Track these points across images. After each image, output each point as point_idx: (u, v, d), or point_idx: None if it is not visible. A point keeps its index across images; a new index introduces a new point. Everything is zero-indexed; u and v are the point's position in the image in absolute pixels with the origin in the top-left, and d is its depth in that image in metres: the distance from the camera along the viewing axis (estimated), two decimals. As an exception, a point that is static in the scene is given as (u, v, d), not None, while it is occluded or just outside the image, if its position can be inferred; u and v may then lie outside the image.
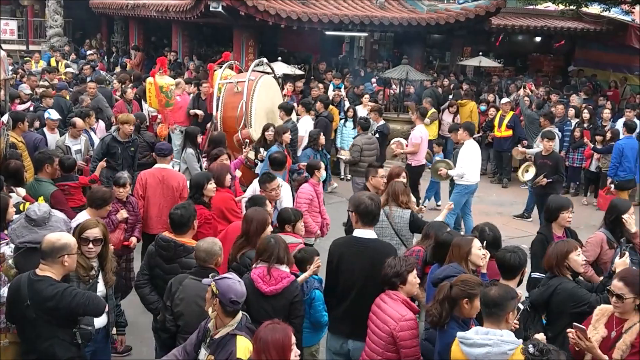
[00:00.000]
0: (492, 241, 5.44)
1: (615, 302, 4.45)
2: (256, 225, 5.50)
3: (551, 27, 21.90)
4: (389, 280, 4.82)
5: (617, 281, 4.48)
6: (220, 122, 10.92)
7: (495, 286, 4.14)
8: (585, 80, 20.75)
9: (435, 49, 24.75)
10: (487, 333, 3.96)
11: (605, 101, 15.88)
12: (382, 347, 4.73)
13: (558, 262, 5.20)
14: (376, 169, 7.73)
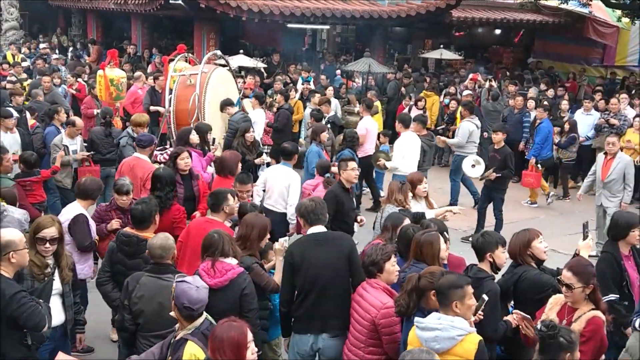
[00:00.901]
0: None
1: (566, 292, 4.51)
2: (258, 231, 5.42)
3: (510, 19, 22.16)
4: (367, 269, 4.87)
5: (566, 271, 4.54)
6: (173, 116, 10.78)
7: (447, 274, 4.20)
8: (544, 72, 21.07)
9: (397, 41, 24.87)
10: (439, 318, 4.04)
11: (564, 91, 16.10)
12: (365, 335, 4.74)
13: (521, 250, 5.24)
14: (347, 162, 7.58)
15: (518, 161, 13.66)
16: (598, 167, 9.71)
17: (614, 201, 9.44)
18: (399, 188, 6.86)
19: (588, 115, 13.46)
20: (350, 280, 5.07)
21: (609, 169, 9.46)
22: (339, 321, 5.08)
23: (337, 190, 7.45)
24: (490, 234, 5.25)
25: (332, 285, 5.06)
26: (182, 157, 7.38)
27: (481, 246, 5.10)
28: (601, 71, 22.72)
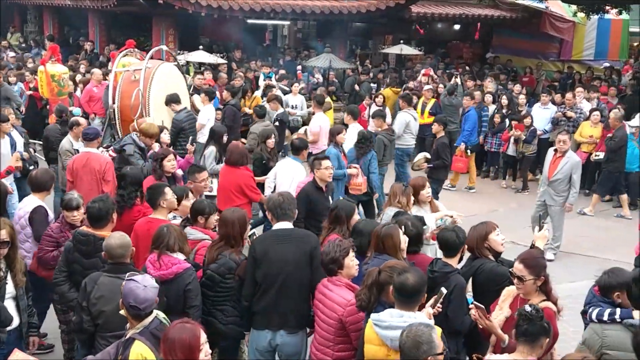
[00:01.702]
0: (415, 237, 5.44)
1: (517, 284, 4.56)
2: (238, 226, 5.39)
3: (469, 14, 22.39)
4: (327, 267, 4.85)
5: (517, 263, 4.59)
6: (117, 111, 10.63)
7: (409, 273, 4.15)
8: (501, 67, 21.33)
9: (358, 37, 24.93)
10: (402, 316, 4.03)
11: (513, 85, 16.31)
12: (333, 334, 4.72)
13: (478, 244, 5.31)
14: (320, 161, 7.50)
15: (478, 153, 13.89)
16: (546, 163, 9.64)
17: (557, 200, 9.38)
18: (402, 191, 6.74)
19: (545, 109, 13.70)
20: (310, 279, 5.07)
21: (557, 168, 9.34)
22: (298, 318, 5.10)
23: (309, 189, 7.37)
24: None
25: (292, 282, 5.05)
26: (168, 159, 7.42)
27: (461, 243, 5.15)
28: (558, 66, 23.13)
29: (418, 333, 3.62)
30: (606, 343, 4.04)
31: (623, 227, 11.04)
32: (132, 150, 8.53)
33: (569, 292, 7.91)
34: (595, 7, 19.01)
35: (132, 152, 8.49)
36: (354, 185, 9.28)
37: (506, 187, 13.27)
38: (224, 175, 8.23)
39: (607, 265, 8.30)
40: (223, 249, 5.35)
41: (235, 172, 8.05)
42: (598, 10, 19.31)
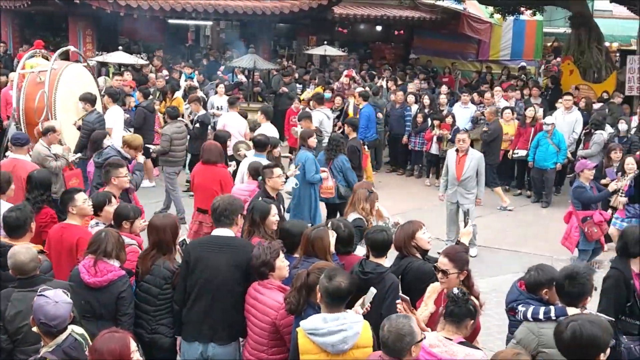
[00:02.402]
0: (347, 238, 5.44)
1: (441, 278, 4.66)
2: (170, 232, 5.22)
3: (390, 16, 22.72)
4: (259, 270, 4.78)
5: (442, 257, 4.69)
6: (22, 114, 10.18)
7: (339, 277, 4.12)
8: (421, 68, 21.76)
9: (283, 38, 24.92)
10: (337, 319, 4.03)
11: (434, 86, 16.69)
12: (266, 337, 4.68)
13: (406, 242, 5.36)
14: (272, 169, 7.24)
15: (402, 153, 14.11)
16: (450, 165, 9.63)
17: (469, 198, 9.52)
18: (366, 197, 6.51)
19: (465, 108, 14.05)
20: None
21: (464, 167, 9.43)
22: (229, 330, 4.96)
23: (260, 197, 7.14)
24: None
25: (224, 293, 4.92)
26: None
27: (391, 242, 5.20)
28: (477, 66, 23.79)
29: (399, 326, 3.70)
30: (542, 341, 4.11)
31: (541, 222, 11.46)
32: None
33: (494, 286, 8.15)
34: (511, 8, 19.72)
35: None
36: (325, 189, 9.20)
37: (430, 185, 13.53)
38: (202, 174, 8.36)
39: (528, 259, 8.66)
40: (156, 258, 5.19)
41: (213, 169, 8.27)
42: (513, 12, 20.04)
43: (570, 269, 4.37)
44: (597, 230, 8.50)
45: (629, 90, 15.85)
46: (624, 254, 5.34)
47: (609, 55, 18.74)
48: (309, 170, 8.85)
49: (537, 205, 12.43)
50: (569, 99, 13.18)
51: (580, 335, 3.45)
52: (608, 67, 17.37)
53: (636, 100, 15.21)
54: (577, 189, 8.70)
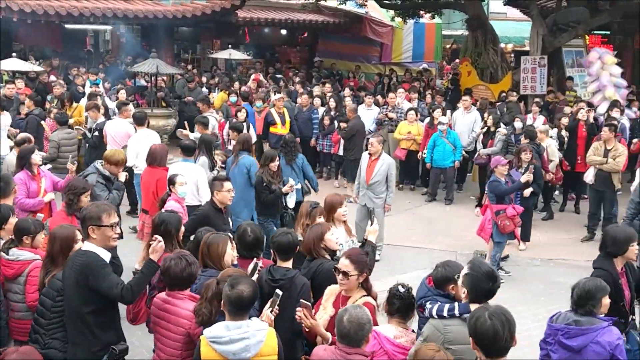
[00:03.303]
0: (252, 243, 5.34)
1: (342, 280, 4.68)
2: (60, 244, 4.96)
3: (294, 19, 22.84)
4: (187, 282, 4.69)
5: (344, 259, 4.72)
6: None
7: (242, 285, 4.05)
8: (325, 72, 21.97)
9: (186, 41, 24.54)
10: (239, 327, 3.96)
11: (340, 89, 16.89)
12: (180, 349, 4.57)
13: (315, 244, 5.39)
14: (222, 182, 6.99)
15: (311, 155, 14.16)
16: (362, 167, 9.65)
17: (377, 202, 9.51)
18: (308, 212, 6.30)
19: (369, 110, 14.26)
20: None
21: (373, 171, 9.41)
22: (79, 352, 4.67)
23: (208, 210, 6.89)
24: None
25: (69, 312, 4.68)
26: (86, 194, 6.64)
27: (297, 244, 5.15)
28: (380, 68, 24.27)
29: (359, 315, 3.88)
30: (448, 338, 4.16)
31: (446, 218, 11.79)
32: (95, 180, 7.62)
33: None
34: (411, 12, 20.21)
35: (95, 181, 7.58)
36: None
37: (339, 187, 13.66)
38: (146, 176, 8.52)
39: (436, 255, 8.90)
40: (51, 269, 4.98)
41: (155, 171, 8.39)
42: (413, 15, 20.55)
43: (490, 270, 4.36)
44: (510, 224, 8.85)
45: (523, 89, 16.58)
46: (607, 254, 5.50)
47: (504, 56, 19.55)
48: (253, 176, 8.93)
49: (442, 202, 12.78)
50: (466, 99, 13.66)
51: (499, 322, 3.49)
52: (504, 67, 18.10)
53: (530, 99, 15.92)
54: (493, 183, 9.08)
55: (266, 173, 8.69)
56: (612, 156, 10.33)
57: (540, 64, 16.49)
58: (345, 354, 3.88)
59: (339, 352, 3.91)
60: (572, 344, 4.38)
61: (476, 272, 4.20)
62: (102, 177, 7.71)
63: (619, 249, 5.46)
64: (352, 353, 3.87)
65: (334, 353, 3.94)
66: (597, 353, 4.33)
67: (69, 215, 6.36)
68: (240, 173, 8.90)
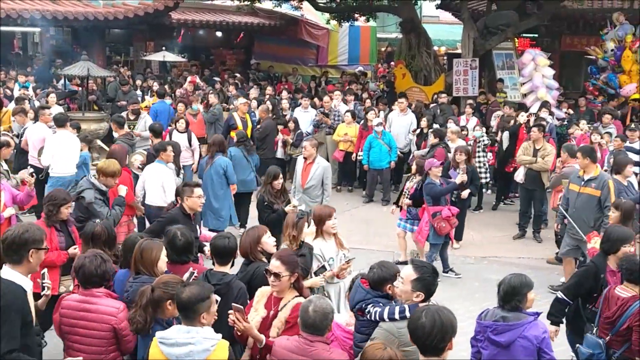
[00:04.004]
0: (182, 246, 5.27)
1: (273, 281, 4.67)
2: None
3: (229, 21, 22.71)
4: (91, 279, 4.67)
5: (274, 260, 4.71)
6: None
7: (188, 288, 4.03)
8: (262, 75, 21.90)
9: (118, 44, 24.05)
10: (188, 331, 3.92)
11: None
12: (104, 345, 4.57)
13: (252, 248, 5.36)
14: (192, 188, 6.75)
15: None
16: (297, 171, 9.55)
17: (313, 206, 8.82)
18: (294, 223, 6.11)
19: (306, 112, 14.29)
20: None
21: (309, 175, 9.31)
22: None
23: (177, 214, 6.63)
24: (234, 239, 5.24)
25: None
26: (67, 206, 6.29)
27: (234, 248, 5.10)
28: (316, 70, 24.37)
29: (323, 306, 4.08)
30: (403, 341, 4.16)
31: (383, 219, 11.88)
32: (92, 196, 7.18)
33: (344, 286, 8.31)
34: (346, 14, 20.37)
35: (93, 198, 7.16)
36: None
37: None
38: None
39: (374, 256, 8.96)
40: None
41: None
42: (348, 18, 20.72)
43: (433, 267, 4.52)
44: (446, 225, 8.97)
45: (456, 91, 16.94)
46: (606, 251, 5.82)
47: (437, 59, 19.90)
48: (232, 174, 9.57)
49: (379, 203, 12.91)
50: (402, 101, 13.84)
51: (440, 320, 3.56)
52: (437, 70, 18.43)
53: (463, 100, 16.27)
54: (428, 185, 9.14)
55: (268, 192, 8.26)
56: (541, 155, 10.65)
57: (471, 66, 16.87)
58: (310, 342, 4.05)
59: (303, 340, 4.07)
60: (501, 339, 4.49)
61: (426, 274, 4.32)
62: (98, 192, 7.28)
63: (612, 246, 5.73)
64: (316, 341, 4.05)
65: (297, 342, 4.10)
66: (525, 347, 4.45)
67: (48, 226, 6.07)
68: (217, 174, 9.44)
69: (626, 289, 5.30)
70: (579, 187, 8.44)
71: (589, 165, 8.40)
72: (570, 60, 19.03)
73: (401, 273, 4.45)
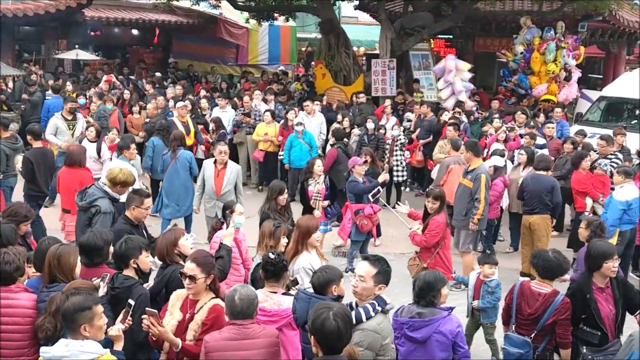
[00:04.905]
0: (96, 249, 5.14)
1: (189, 284, 4.62)
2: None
3: (146, 19, 22.23)
4: (11, 276, 4.61)
5: (189, 263, 4.66)
6: None
7: (73, 296, 3.84)
8: (181, 74, 21.55)
9: (29, 41, 23.11)
10: (67, 345, 3.75)
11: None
12: (28, 339, 4.52)
13: (168, 250, 5.29)
14: (142, 198, 6.40)
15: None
16: (208, 177, 9.20)
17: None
18: (271, 232, 5.95)
19: (224, 112, 14.14)
20: None
21: (223, 180, 9.05)
22: None
23: (122, 228, 6.24)
24: (134, 240, 5.13)
25: None
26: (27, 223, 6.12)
27: (124, 253, 4.98)
28: (237, 70, 24.19)
29: (247, 293, 4.29)
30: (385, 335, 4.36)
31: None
32: (107, 207, 6.83)
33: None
34: (265, 14, 20.30)
35: (108, 209, 6.81)
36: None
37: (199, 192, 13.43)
38: (66, 176, 8.89)
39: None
40: None
41: (76, 171, 8.83)
42: (268, 17, 20.66)
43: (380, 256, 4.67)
44: (368, 222, 9.09)
45: (374, 91, 17.20)
46: (589, 268, 5.54)
47: (356, 59, 20.14)
48: (195, 166, 9.95)
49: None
50: (307, 104, 13.76)
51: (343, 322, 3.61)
52: (356, 70, 18.63)
53: (381, 100, 16.51)
54: (351, 183, 9.26)
55: (272, 209, 7.65)
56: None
57: (389, 66, 17.16)
58: (242, 327, 4.23)
59: (235, 327, 4.23)
60: (417, 335, 4.59)
61: (384, 266, 4.50)
62: (111, 200, 6.96)
63: (594, 264, 5.48)
64: (247, 324, 4.25)
65: (231, 330, 4.24)
66: (440, 342, 4.57)
67: None
68: (183, 167, 9.80)
69: (543, 285, 5.45)
70: (462, 179, 9.03)
71: (472, 158, 8.93)
72: (483, 61, 19.65)
73: (357, 271, 4.53)
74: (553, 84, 16.44)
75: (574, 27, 17.77)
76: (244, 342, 4.19)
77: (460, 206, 8.96)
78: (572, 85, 16.92)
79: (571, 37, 16.83)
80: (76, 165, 8.81)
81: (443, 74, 16.11)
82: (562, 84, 16.60)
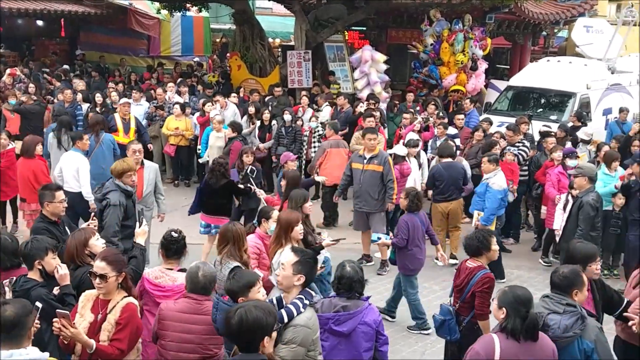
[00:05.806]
0: (12, 249, 5.01)
1: (99, 283, 4.51)
2: None
3: (51, 10, 21.36)
4: None
5: (99, 261, 4.54)
6: None
7: (9, 305, 3.66)
8: (90, 66, 20.85)
9: None
10: (11, 355, 3.57)
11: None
12: None
13: (79, 251, 5.12)
14: (53, 192, 6.24)
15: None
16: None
17: (148, 214, 8.42)
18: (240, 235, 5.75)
19: (138, 105, 13.78)
20: None
21: (143, 182, 8.40)
22: None
23: (40, 227, 6.05)
24: (40, 240, 4.95)
25: None
26: None
27: (28, 253, 4.83)
28: (149, 61, 23.61)
29: (210, 270, 4.78)
30: (315, 329, 4.39)
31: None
32: (117, 199, 7.01)
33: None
34: (177, 4, 19.89)
35: (117, 201, 6.99)
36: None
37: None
38: (21, 166, 9.37)
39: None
40: None
41: (29, 162, 9.26)
42: (180, 8, 20.24)
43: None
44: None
45: (291, 83, 17.17)
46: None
47: (272, 50, 20.04)
48: (117, 148, 10.23)
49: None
50: (218, 99, 13.69)
51: (246, 319, 3.57)
52: (272, 61, 18.55)
53: (298, 92, 16.51)
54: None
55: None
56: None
57: (305, 58, 17.16)
58: (199, 301, 4.63)
59: (193, 300, 4.63)
60: (343, 329, 4.63)
61: (307, 257, 4.49)
62: (124, 193, 7.13)
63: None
64: (201, 300, 4.64)
65: (187, 302, 4.64)
66: (365, 333, 4.65)
67: None
68: (108, 149, 10.21)
69: (474, 261, 5.86)
70: (362, 165, 9.48)
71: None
72: (396, 53, 19.93)
73: (281, 260, 4.54)
74: (462, 74, 16.90)
75: (482, 19, 18.29)
76: (194, 317, 4.60)
77: (371, 190, 9.37)
78: (480, 76, 17.47)
79: (478, 28, 17.34)
80: (29, 155, 9.26)
81: (359, 64, 16.29)
82: (470, 73, 17.09)
